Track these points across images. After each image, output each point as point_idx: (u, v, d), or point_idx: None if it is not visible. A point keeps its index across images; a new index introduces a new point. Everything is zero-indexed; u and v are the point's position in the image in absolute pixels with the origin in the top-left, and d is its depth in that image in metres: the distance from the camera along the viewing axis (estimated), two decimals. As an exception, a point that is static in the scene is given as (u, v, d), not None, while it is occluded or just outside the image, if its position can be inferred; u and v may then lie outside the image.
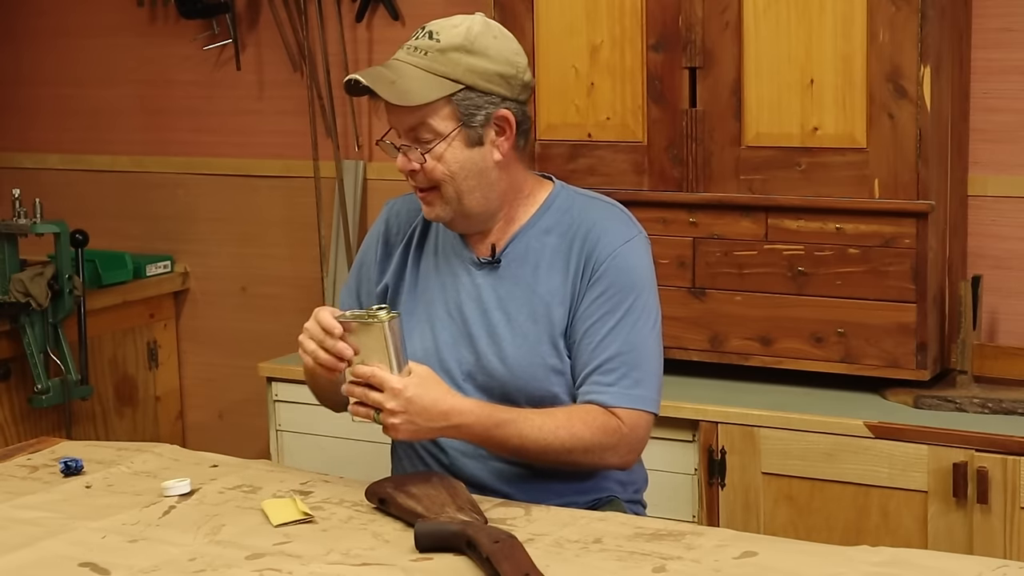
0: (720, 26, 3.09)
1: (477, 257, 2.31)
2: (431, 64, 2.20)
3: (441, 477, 2.12)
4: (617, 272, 2.25)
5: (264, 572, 1.88)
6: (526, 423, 2.17)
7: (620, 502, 2.33)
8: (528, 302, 2.28)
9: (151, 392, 4.38)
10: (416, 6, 3.89)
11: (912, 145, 2.95)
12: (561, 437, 2.17)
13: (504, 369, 2.27)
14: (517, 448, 2.18)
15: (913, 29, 2.91)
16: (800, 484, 2.97)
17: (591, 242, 2.27)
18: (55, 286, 3.86)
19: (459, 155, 2.22)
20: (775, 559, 1.87)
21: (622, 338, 2.24)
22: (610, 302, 2.24)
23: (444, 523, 1.94)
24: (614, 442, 2.22)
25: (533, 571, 1.77)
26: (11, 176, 4.50)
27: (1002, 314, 3.27)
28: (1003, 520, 2.78)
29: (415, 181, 2.26)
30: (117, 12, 4.40)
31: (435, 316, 2.33)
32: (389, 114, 2.25)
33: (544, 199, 2.33)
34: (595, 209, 2.32)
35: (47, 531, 2.06)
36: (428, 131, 2.21)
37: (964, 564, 1.87)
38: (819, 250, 3.06)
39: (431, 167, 2.22)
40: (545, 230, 2.30)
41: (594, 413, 2.21)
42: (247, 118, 4.24)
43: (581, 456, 2.20)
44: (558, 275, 2.28)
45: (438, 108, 2.20)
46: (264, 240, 4.28)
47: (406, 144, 2.24)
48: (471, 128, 2.22)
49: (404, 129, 2.24)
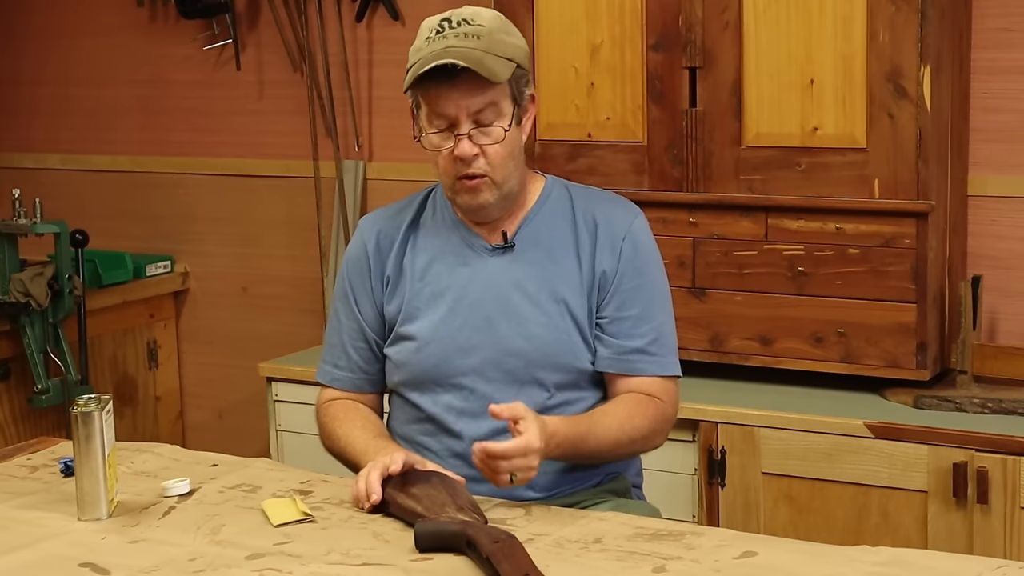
0: (720, 26, 3.09)
1: (489, 244, 2.33)
2: (490, 46, 2.20)
3: (441, 477, 2.11)
4: (635, 248, 2.33)
5: (264, 572, 1.88)
6: (599, 428, 2.23)
7: (626, 478, 2.39)
8: (548, 282, 2.31)
9: (151, 392, 4.38)
10: (416, 6, 3.89)
11: (912, 145, 2.95)
12: (627, 431, 2.25)
13: (532, 347, 2.29)
14: (593, 453, 2.24)
15: (913, 29, 2.91)
16: (800, 484, 2.97)
17: (603, 225, 2.33)
18: (55, 286, 3.86)
19: (513, 136, 2.26)
20: (775, 559, 1.87)
21: (655, 312, 2.33)
22: (637, 278, 2.32)
23: (444, 523, 1.94)
24: (663, 425, 2.33)
25: (533, 571, 1.77)
26: (11, 176, 4.50)
27: (1002, 314, 3.27)
28: (1003, 520, 2.78)
29: (472, 168, 2.24)
30: (117, 12, 4.40)
31: (446, 306, 2.32)
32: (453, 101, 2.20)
33: (542, 188, 2.38)
34: (593, 195, 2.40)
35: (47, 531, 2.06)
36: (494, 112, 2.22)
37: (964, 564, 1.87)
38: (819, 250, 3.06)
39: (494, 151, 2.23)
40: (551, 215, 2.35)
41: (644, 402, 2.29)
42: (247, 118, 4.24)
43: (640, 445, 2.32)
44: (572, 256, 2.32)
45: (503, 89, 2.23)
46: (264, 240, 4.28)
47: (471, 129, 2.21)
48: (519, 107, 2.27)
49: (471, 113, 2.21)
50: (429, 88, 2.21)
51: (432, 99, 2.22)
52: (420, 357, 2.32)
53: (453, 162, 2.24)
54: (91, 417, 2.08)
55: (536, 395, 2.29)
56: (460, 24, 2.21)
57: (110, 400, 2.13)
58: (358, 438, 2.31)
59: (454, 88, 2.19)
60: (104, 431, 2.09)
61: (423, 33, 2.25)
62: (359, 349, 2.41)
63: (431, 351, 2.31)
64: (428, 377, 2.32)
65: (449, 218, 2.37)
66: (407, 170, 3.89)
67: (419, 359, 2.32)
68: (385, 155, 4.01)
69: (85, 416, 2.08)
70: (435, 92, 2.21)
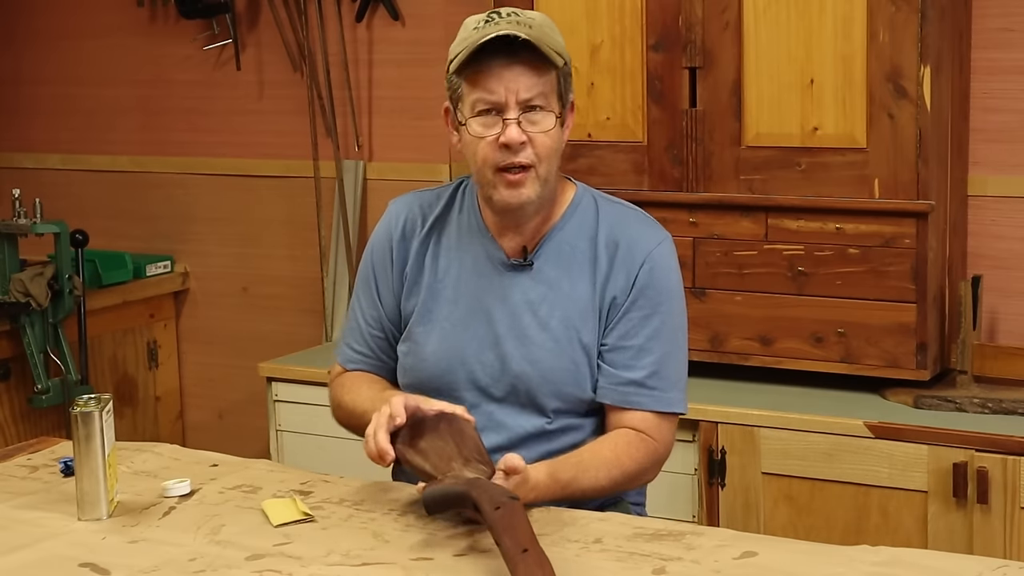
0: (720, 26, 3.09)
1: (508, 258, 2.29)
2: (540, 36, 2.14)
3: (449, 421, 2.08)
4: (651, 277, 2.26)
5: (264, 572, 1.88)
6: (585, 476, 2.17)
7: (627, 503, 2.35)
8: (561, 306, 2.26)
9: (151, 392, 4.38)
10: (416, 6, 3.90)
11: (912, 145, 2.95)
12: (613, 476, 2.20)
13: (534, 372, 2.26)
14: (578, 498, 2.18)
15: (913, 29, 2.91)
16: (800, 484, 2.97)
17: (624, 247, 2.26)
18: (55, 286, 3.86)
19: (557, 132, 2.19)
20: (775, 559, 1.87)
21: (660, 345, 2.26)
22: (647, 307, 2.26)
23: (449, 486, 1.93)
24: (652, 463, 2.27)
25: (533, 545, 1.76)
26: (11, 176, 4.51)
27: (1002, 314, 3.28)
28: (1003, 520, 2.78)
29: (519, 157, 2.15)
30: (117, 12, 4.40)
31: (458, 316, 2.30)
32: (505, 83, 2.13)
33: (571, 198, 2.31)
34: (621, 214, 2.32)
35: (47, 531, 2.06)
36: (544, 101, 2.16)
37: (964, 564, 1.87)
38: (819, 250, 3.06)
39: (541, 140, 2.16)
40: (575, 231, 2.28)
41: (635, 443, 2.23)
42: (247, 118, 4.24)
43: (627, 485, 2.26)
44: (587, 280, 2.27)
45: (553, 81, 2.17)
46: (264, 240, 4.28)
47: (521, 114, 2.14)
48: (564, 105, 2.21)
49: (521, 99, 2.14)
50: (481, 68, 2.13)
51: (483, 80, 2.14)
52: (427, 364, 2.30)
53: (498, 149, 2.15)
54: (91, 417, 2.08)
55: (537, 419, 2.27)
56: (511, 15, 2.16)
57: (110, 400, 2.13)
58: (365, 397, 2.30)
59: (507, 68, 2.12)
60: (104, 431, 2.09)
61: (469, 25, 2.18)
62: (375, 338, 2.38)
63: (438, 359, 2.29)
64: (432, 386, 2.29)
65: (475, 223, 2.31)
66: (407, 170, 3.89)
67: (426, 366, 2.30)
68: (385, 155, 4.01)
69: (85, 416, 2.08)
70: (487, 72, 2.13)
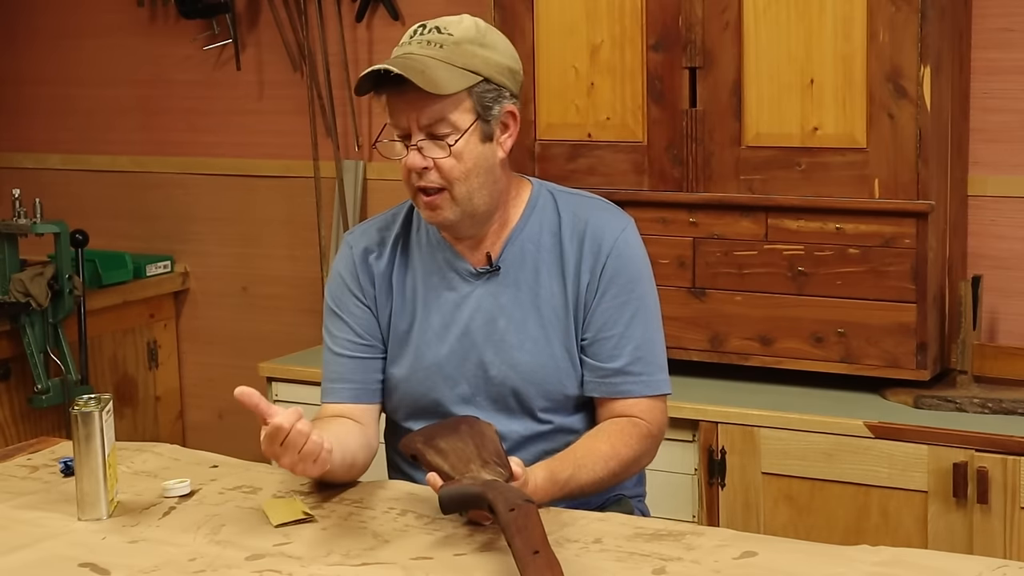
0: (720, 26, 3.09)
1: (473, 267, 2.29)
2: (450, 56, 2.15)
3: (471, 424, 2.09)
4: (621, 262, 2.27)
5: (264, 572, 1.88)
6: (583, 472, 2.17)
7: (628, 500, 2.36)
8: (534, 306, 2.27)
9: (151, 392, 4.38)
10: (416, 6, 3.89)
11: (912, 145, 2.95)
12: (611, 468, 2.20)
13: (516, 375, 2.26)
14: (579, 495, 2.19)
15: (913, 29, 2.91)
16: (800, 484, 2.97)
17: (589, 237, 2.27)
18: (55, 286, 3.86)
19: (474, 151, 2.18)
20: (775, 559, 1.87)
21: (639, 330, 2.27)
22: (621, 295, 2.26)
23: (465, 487, 1.93)
24: (648, 446, 2.28)
25: (544, 548, 1.77)
26: (11, 176, 4.51)
27: (1002, 314, 3.28)
28: (1003, 520, 2.78)
29: (426, 180, 2.19)
30: (117, 12, 4.40)
31: (432, 333, 2.29)
32: (402, 110, 2.18)
33: (528, 198, 2.32)
34: (580, 204, 2.33)
35: (47, 531, 2.06)
36: (447, 125, 2.16)
37: (964, 564, 1.87)
38: (819, 250, 3.06)
39: (448, 164, 2.17)
40: (537, 230, 2.29)
41: (628, 430, 2.24)
42: (247, 118, 4.24)
43: (626, 473, 2.25)
44: (557, 275, 2.27)
45: (460, 101, 2.16)
46: (264, 240, 4.28)
47: (421, 140, 2.17)
48: (486, 123, 2.19)
49: (422, 124, 2.17)
50: (384, 95, 2.18)
51: (391, 105, 2.19)
52: (410, 386, 2.30)
53: (408, 173, 2.20)
54: (91, 417, 2.08)
55: (528, 422, 2.28)
56: (431, 32, 2.18)
57: (110, 400, 2.13)
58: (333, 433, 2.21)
59: (401, 97, 2.16)
60: (104, 431, 2.09)
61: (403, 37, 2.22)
62: (351, 360, 2.33)
63: (420, 380, 2.29)
64: (418, 407, 2.30)
65: (434, 239, 2.31)
66: (407, 170, 3.89)
67: (409, 388, 2.30)
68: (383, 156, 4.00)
69: (85, 416, 2.08)
70: (389, 100, 2.19)
